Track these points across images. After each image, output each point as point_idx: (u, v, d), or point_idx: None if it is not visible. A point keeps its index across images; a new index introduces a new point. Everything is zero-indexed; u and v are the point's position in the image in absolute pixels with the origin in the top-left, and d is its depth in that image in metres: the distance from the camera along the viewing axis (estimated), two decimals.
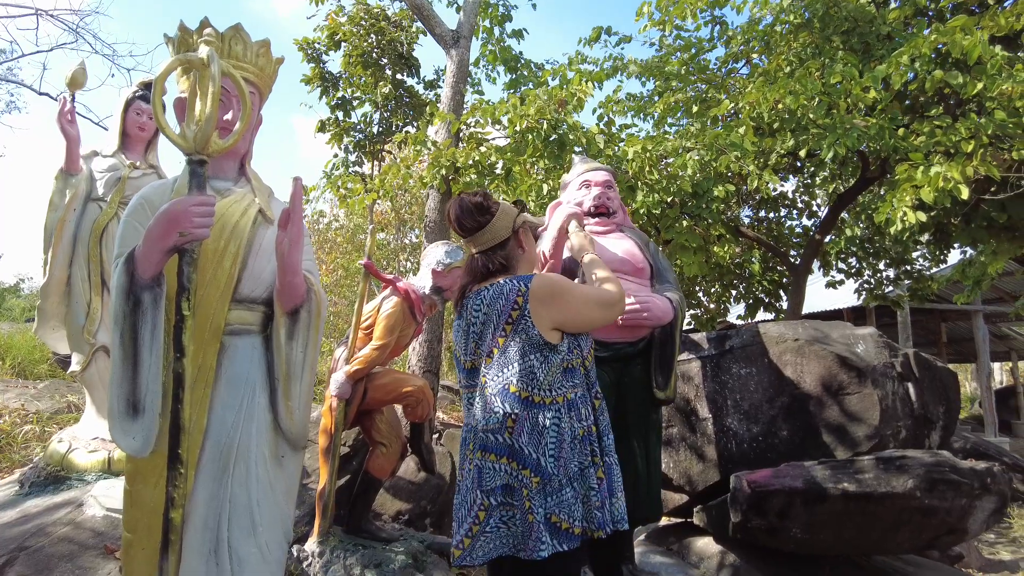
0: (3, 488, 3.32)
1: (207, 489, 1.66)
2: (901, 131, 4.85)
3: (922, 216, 4.43)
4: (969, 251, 6.85)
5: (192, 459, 1.62)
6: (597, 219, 2.94)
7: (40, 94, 9.49)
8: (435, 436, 5.07)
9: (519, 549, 1.67)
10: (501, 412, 1.73)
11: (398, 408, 3.62)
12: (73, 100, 3.43)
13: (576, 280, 2.68)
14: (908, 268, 7.75)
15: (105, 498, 2.94)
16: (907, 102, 5.68)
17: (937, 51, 4.71)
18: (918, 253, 7.80)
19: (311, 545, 3.19)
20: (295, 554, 3.07)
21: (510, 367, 1.74)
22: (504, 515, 1.70)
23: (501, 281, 1.80)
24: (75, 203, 3.38)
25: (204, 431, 1.66)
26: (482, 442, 1.76)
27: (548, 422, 1.71)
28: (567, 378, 1.78)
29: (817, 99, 4.93)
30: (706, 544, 3.53)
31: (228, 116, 1.80)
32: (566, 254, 2.67)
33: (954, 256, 7.69)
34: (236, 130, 1.70)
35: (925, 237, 6.67)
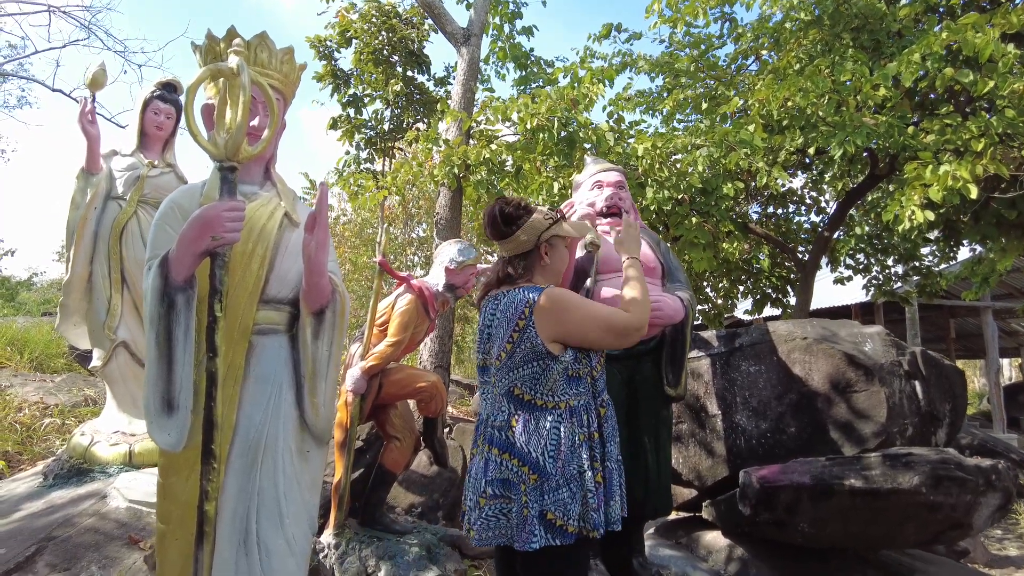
0: (27, 480, 3.40)
1: (236, 483, 1.73)
2: (911, 129, 4.86)
3: (930, 215, 4.44)
4: (979, 248, 6.85)
5: (223, 454, 1.68)
6: (609, 219, 2.98)
7: (53, 90, 9.57)
8: (446, 430, 5.14)
9: (513, 539, 1.77)
10: (506, 412, 1.87)
11: (411, 403, 3.68)
12: (94, 100, 3.49)
13: (588, 280, 2.73)
14: (917, 264, 7.75)
15: (127, 490, 3.02)
16: (917, 99, 5.68)
17: (948, 48, 4.71)
18: (927, 250, 7.79)
19: (327, 537, 3.26)
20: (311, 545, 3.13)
21: (515, 371, 1.85)
22: (501, 507, 1.81)
23: (515, 289, 1.90)
24: (96, 201, 3.44)
25: (234, 427, 1.72)
26: (489, 436, 1.89)
27: (549, 425, 1.81)
28: (571, 386, 1.86)
29: (827, 97, 4.94)
30: (714, 538, 3.59)
31: (255, 122, 1.86)
32: (579, 253, 2.72)
33: (963, 253, 7.68)
34: (264, 137, 1.76)
35: (934, 234, 6.67)
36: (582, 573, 1.88)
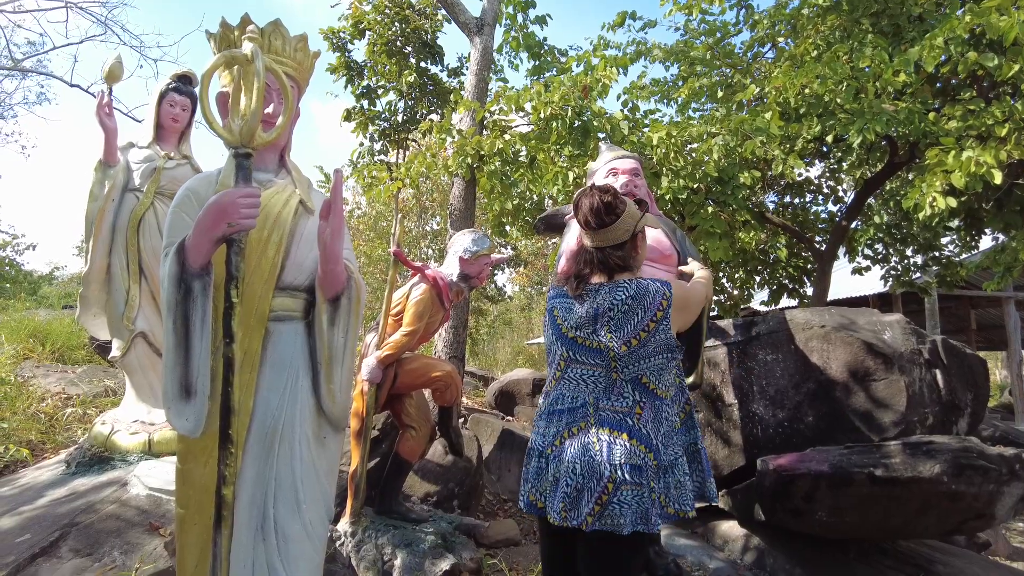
0: (51, 468, 3.46)
1: (254, 468, 1.74)
2: (932, 115, 4.78)
3: (952, 201, 4.37)
4: (1001, 236, 6.73)
5: (240, 439, 1.69)
6: None
7: (71, 86, 9.69)
8: (460, 420, 5.15)
9: (640, 523, 1.78)
10: (631, 399, 1.87)
11: (427, 392, 3.69)
12: (111, 93, 3.51)
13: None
14: (936, 254, 7.64)
15: (147, 478, 3.06)
16: (938, 85, 5.58)
17: (971, 32, 4.61)
18: (947, 239, 7.67)
19: (343, 525, 3.28)
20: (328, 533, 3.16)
21: (645, 360, 1.87)
22: (633, 493, 1.79)
23: (641, 280, 1.92)
24: (113, 193, 3.47)
25: (251, 413, 1.73)
26: (602, 419, 1.86)
27: (664, 414, 1.91)
28: (677, 378, 2.01)
29: (845, 83, 4.86)
30: (730, 527, 3.57)
31: (269, 109, 1.86)
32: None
33: (986, 242, 7.56)
34: (279, 124, 1.76)
35: (955, 223, 6.57)
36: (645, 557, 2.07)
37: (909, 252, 7.84)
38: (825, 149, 6.83)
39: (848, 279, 9.41)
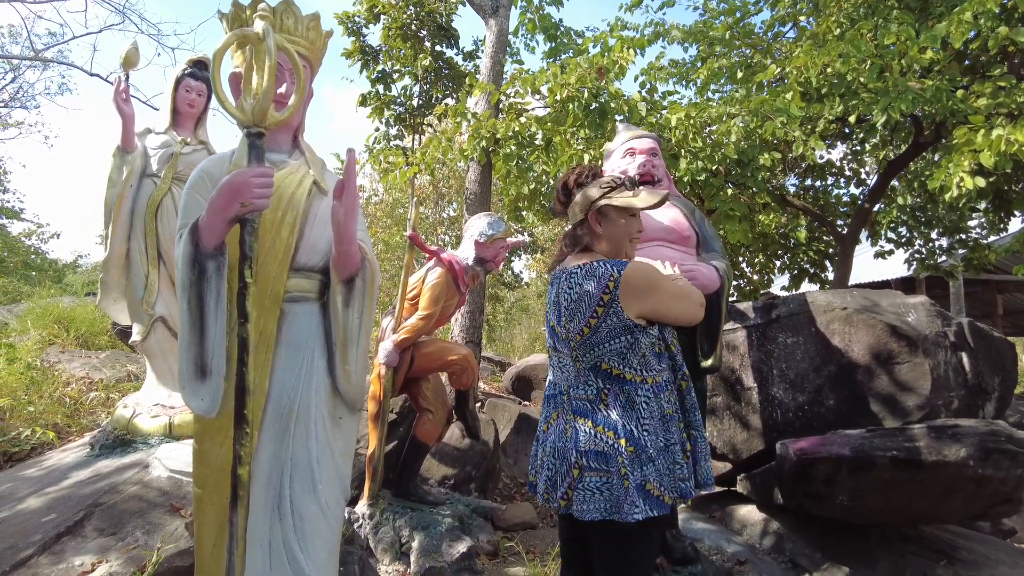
0: (75, 450, 3.53)
1: (269, 448, 1.75)
2: (960, 93, 4.64)
3: (980, 181, 4.25)
4: None
5: (256, 419, 1.70)
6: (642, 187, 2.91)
7: (91, 75, 9.77)
8: (477, 405, 5.16)
9: (613, 512, 1.74)
10: (593, 386, 1.83)
11: (443, 376, 3.70)
12: (127, 79, 3.53)
13: None
14: (963, 237, 7.47)
15: (168, 460, 3.10)
16: (967, 62, 5.42)
17: (1002, 6, 4.46)
18: (974, 222, 7.50)
19: (361, 507, 3.31)
20: (346, 515, 3.19)
21: (601, 346, 1.80)
22: (599, 480, 1.76)
23: (594, 263, 1.84)
24: (132, 179, 3.49)
25: (267, 393, 1.74)
26: (574, 407, 1.86)
27: (640, 399, 1.79)
28: (657, 361, 1.85)
29: (869, 62, 4.73)
30: (749, 512, 3.54)
31: (282, 89, 1.84)
32: None
33: (1015, 224, 7.38)
34: (292, 103, 1.75)
35: (983, 204, 6.41)
36: (657, 545, 1.93)
37: (934, 235, 7.68)
38: (847, 130, 6.69)
39: (870, 263, 9.26)
